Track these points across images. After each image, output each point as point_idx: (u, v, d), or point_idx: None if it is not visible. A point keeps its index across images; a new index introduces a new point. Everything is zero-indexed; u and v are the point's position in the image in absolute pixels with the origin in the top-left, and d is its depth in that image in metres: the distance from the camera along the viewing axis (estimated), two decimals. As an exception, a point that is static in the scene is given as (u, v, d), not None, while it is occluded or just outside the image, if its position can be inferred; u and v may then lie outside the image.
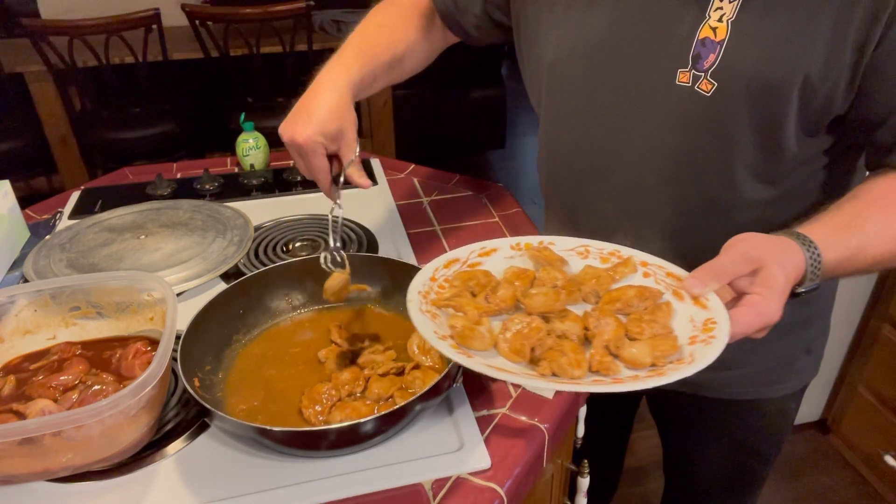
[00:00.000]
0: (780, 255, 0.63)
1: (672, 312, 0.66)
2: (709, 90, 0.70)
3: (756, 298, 0.61)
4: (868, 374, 1.73)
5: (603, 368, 0.61)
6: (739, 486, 1.09)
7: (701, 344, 0.60)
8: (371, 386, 0.72)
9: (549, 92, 0.86)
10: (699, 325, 0.63)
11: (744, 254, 0.63)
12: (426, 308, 0.67)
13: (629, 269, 0.72)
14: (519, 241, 0.78)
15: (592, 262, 0.75)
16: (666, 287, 0.69)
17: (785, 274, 0.62)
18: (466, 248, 0.76)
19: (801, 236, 0.65)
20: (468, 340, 0.63)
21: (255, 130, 1.31)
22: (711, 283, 0.64)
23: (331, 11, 3.17)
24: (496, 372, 0.58)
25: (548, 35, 0.83)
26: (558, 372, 0.60)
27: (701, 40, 0.69)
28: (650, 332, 0.64)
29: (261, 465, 0.66)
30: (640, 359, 0.61)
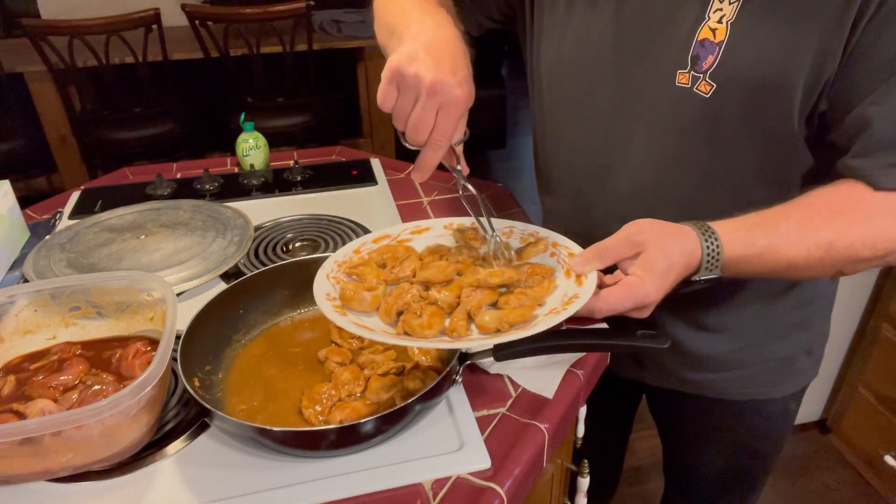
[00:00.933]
0: (665, 241, 0.65)
1: (553, 288, 0.70)
2: (708, 91, 0.70)
3: (631, 279, 0.65)
4: (868, 374, 1.73)
5: (452, 331, 0.65)
6: (739, 487, 1.09)
7: (552, 315, 0.64)
8: (371, 386, 0.72)
9: (549, 91, 0.86)
10: (565, 300, 0.66)
11: (628, 237, 0.67)
12: (334, 274, 0.73)
13: (539, 249, 0.76)
14: (452, 222, 0.82)
15: (512, 242, 0.79)
16: (564, 265, 0.73)
17: (667, 259, 0.65)
18: (401, 226, 0.81)
19: (704, 226, 0.67)
20: (350, 302, 0.68)
21: (255, 130, 1.30)
22: (594, 263, 0.68)
23: (331, 11, 3.17)
24: (356, 328, 0.63)
25: (549, 35, 0.83)
26: (409, 331, 0.65)
27: (700, 41, 0.69)
28: (517, 302, 0.67)
29: (261, 465, 0.66)
30: (488, 324, 0.65)
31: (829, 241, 0.66)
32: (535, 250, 0.77)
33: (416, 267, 0.75)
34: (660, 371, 0.97)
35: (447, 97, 0.63)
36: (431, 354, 0.76)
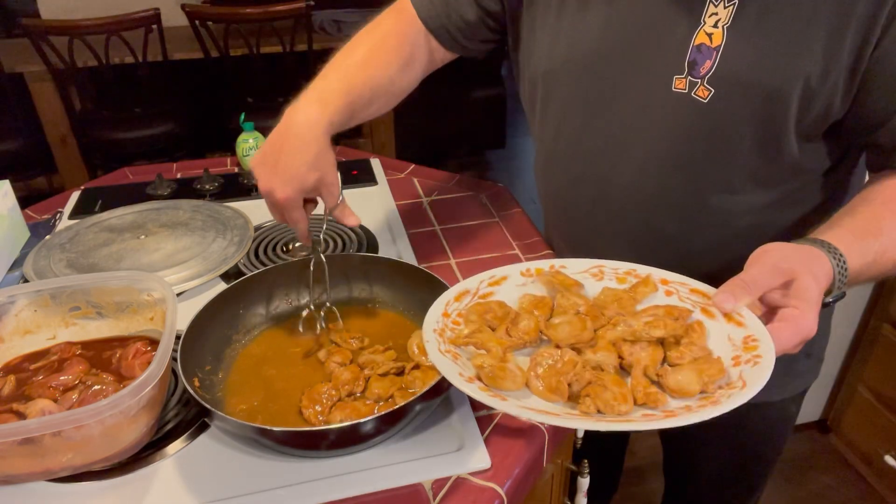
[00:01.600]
0: (812, 266, 0.60)
1: (706, 332, 0.62)
2: (706, 96, 0.70)
3: (793, 312, 0.59)
4: (868, 374, 1.73)
5: (650, 401, 0.56)
6: (739, 488, 1.09)
7: (747, 365, 0.56)
8: (371, 386, 0.72)
9: (544, 101, 0.86)
10: (739, 344, 0.59)
11: (774, 266, 0.60)
12: (445, 348, 0.62)
13: (650, 289, 0.68)
14: (529, 267, 0.74)
15: (608, 283, 0.71)
16: (693, 305, 0.65)
17: (818, 285, 0.60)
18: (475, 279, 0.72)
19: (827, 244, 0.63)
20: (498, 381, 0.59)
21: (255, 130, 1.30)
22: (743, 298, 0.60)
23: (331, 11, 3.17)
24: (536, 414, 0.54)
25: (540, 45, 0.82)
26: (603, 409, 0.56)
27: (697, 46, 0.69)
28: (690, 355, 0.59)
29: (261, 465, 0.66)
30: (687, 387, 0.56)
31: None
32: (646, 290, 0.68)
33: (539, 325, 0.66)
34: None
35: (273, 201, 0.74)
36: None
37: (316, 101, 0.77)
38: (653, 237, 0.81)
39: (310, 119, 0.75)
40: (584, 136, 0.81)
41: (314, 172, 0.74)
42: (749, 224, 0.77)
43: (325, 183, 0.76)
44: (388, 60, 0.85)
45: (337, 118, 0.77)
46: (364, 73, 0.82)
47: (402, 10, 0.89)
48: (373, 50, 0.85)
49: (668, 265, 0.72)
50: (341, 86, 0.79)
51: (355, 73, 0.82)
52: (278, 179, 0.73)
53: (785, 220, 0.77)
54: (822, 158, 0.75)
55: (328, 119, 0.75)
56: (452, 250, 1.04)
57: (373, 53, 0.85)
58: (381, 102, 0.85)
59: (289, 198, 0.73)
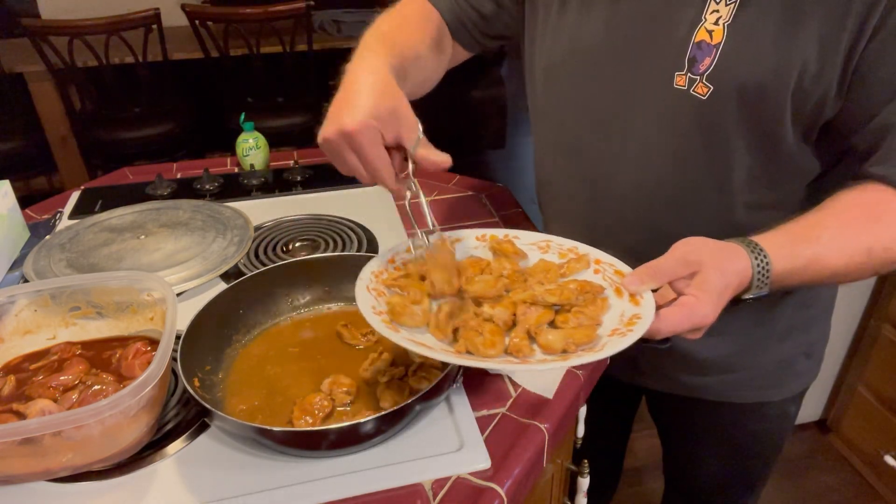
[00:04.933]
0: (721, 260, 0.64)
1: (607, 307, 0.68)
2: (705, 93, 0.70)
3: (689, 300, 0.62)
4: (868, 374, 1.73)
5: (517, 351, 0.63)
6: (739, 488, 1.09)
7: (617, 336, 0.62)
8: (383, 396, 0.71)
9: (545, 95, 0.86)
10: (625, 320, 0.64)
11: (683, 256, 0.64)
12: (374, 286, 0.69)
13: (581, 265, 0.74)
14: (485, 233, 0.80)
15: (550, 256, 0.77)
16: (611, 284, 0.71)
17: (724, 279, 0.63)
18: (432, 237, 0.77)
19: (751, 243, 0.65)
20: (400, 317, 0.65)
21: (255, 130, 1.31)
22: (648, 282, 0.66)
23: (331, 11, 3.17)
24: (415, 346, 0.60)
25: (543, 39, 0.83)
26: (472, 350, 0.63)
27: (697, 43, 0.69)
28: (575, 322, 0.66)
29: (261, 465, 0.66)
30: (553, 344, 0.63)
31: (869, 246, 0.66)
32: (578, 266, 0.74)
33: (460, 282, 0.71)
34: (658, 375, 0.97)
35: (349, 137, 0.63)
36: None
37: (369, 51, 0.72)
38: (650, 233, 0.81)
39: (367, 60, 0.69)
40: (584, 132, 0.82)
41: (385, 100, 0.64)
42: (746, 222, 0.77)
43: (400, 114, 0.65)
44: (419, 36, 0.84)
45: (394, 62, 0.72)
46: (404, 36, 0.80)
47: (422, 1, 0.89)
48: (404, 23, 0.84)
49: None
50: (388, 44, 0.76)
51: (397, 36, 0.79)
52: (347, 111, 0.63)
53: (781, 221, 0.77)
54: (820, 159, 0.75)
55: (387, 59, 0.71)
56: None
57: (405, 26, 0.83)
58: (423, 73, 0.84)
59: (360, 124, 0.62)
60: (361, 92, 0.65)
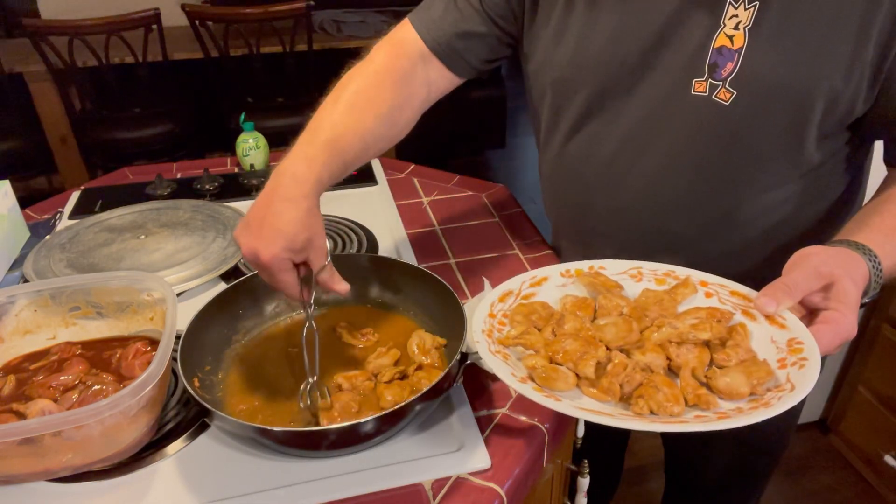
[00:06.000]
0: (850, 269, 0.61)
1: (749, 334, 0.63)
2: (727, 99, 0.69)
3: (834, 315, 0.59)
4: (868, 374, 1.73)
5: (701, 402, 0.57)
6: (741, 486, 1.09)
7: (793, 367, 0.57)
8: (383, 395, 0.71)
9: (553, 109, 0.84)
10: (783, 347, 0.60)
11: (815, 269, 0.61)
12: (495, 348, 0.63)
13: (689, 290, 0.69)
14: (569, 268, 0.74)
15: (648, 284, 0.72)
16: (734, 307, 0.66)
17: (857, 287, 0.61)
18: (517, 279, 0.72)
19: (861, 246, 0.64)
20: (551, 381, 0.60)
21: (255, 130, 1.30)
22: (785, 301, 0.61)
23: (331, 11, 3.17)
24: (591, 415, 0.55)
25: (546, 53, 0.81)
26: (656, 410, 0.57)
27: (717, 49, 0.68)
28: (736, 357, 0.60)
29: (261, 465, 0.66)
30: (737, 389, 0.57)
31: None
32: (686, 292, 0.69)
33: (585, 328, 0.66)
34: None
35: (259, 263, 0.68)
36: (432, 354, 0.76)
37: (302, 160, 0.71)
38: (667, 243, 0.80)
39: (297, 177, 0.69)
40: (597, 142, 0.80)
41: (303, 232, 0.67)
42: (764, 227, 0.77)
43: (313, 244, 0.69)
44: (381, 103, 0.79)
45: (326, 174, 0.71)
46: (353, 120, 0.76)
47: (396, 43, 0.85)
48: (364, 92, 0.79)
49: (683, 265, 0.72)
50: (328, 137, 0.74)
51: (344, 122, 0.76)
52: (262, 241, 0.67)
53: (801, 221, 0.77)
54: (837, 154, 0.74)
55: (316, 177, 0.70)
56: (452, 250, 1.05)
57: (363, 97, 0.79)
58: (377, 148, 0.80)
59: (275, 256, 0.66)
60: (281, 222, 0.67)
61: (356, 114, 0.77)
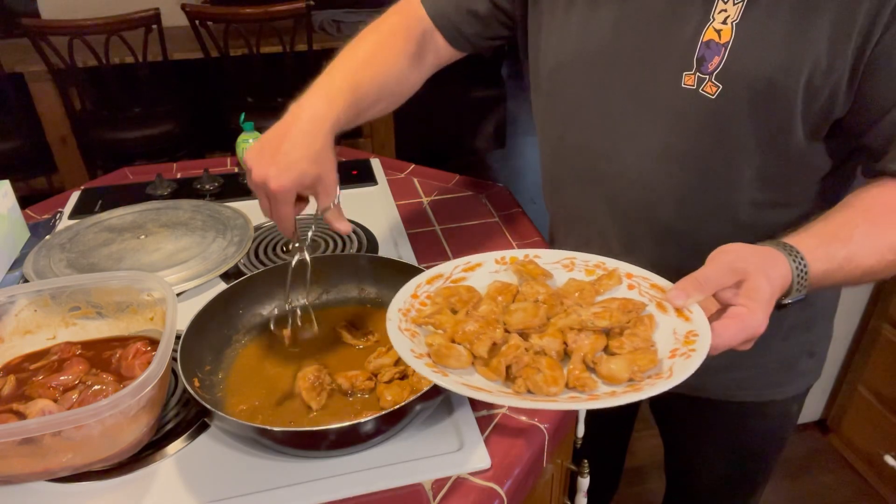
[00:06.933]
0: (766, 267, 0.62)
1: (655, 325, 0.65)
2: (713, 93, 0.70)
3: (741, 310, 0.60)
4: (868, 374, 1.73)
5: (579, 385, 0.59)
6: (741, 487, 1.09)
7: (681, 357, 0.59)
8: (383, 394, 0.71)
9: (551, 98, 0.85)
10: (681, 338, 0.61)
11: (728, 265, 0.62)
12: (405, 326, 0.65)
13: (614, 282, 0.71)
14: (504, 255, 0.76)
15: (577, 274, 0.74)
16: (650, 299, 0.68)
17: (770, 286, 0.61)
18: (451, 264, 0.74)
19: (788, 247, 0.64)
20: (445, 359, 0.61)
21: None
22: (695, 295, 0.63)
23: (331, 11, 3.17)
24: (471, 391, 0.57)
25: (548, 40, 0.82)
26: (533, 389, 0.59)
27: (705, 42, 0.69)
28: (630, 345, 0.62)
29: (261, 465, 0.66)
30: (617, 374, 0.59)
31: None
32: (610, 283, 0.71)
33: (497, 310, 0.68)
34: None
35: (267, 191, 0.69)
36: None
37: (322, 97, 0.75)
38: (659, 233, 0.81)
39: (316, 114, 0.72)
40: (592, 134, 0.81)
41: (315, 167, 0.70)
42: (755, 220, 0.77)
43: (324, 181, 0.72)
44: (394, 58, 0.83)
45: (343, 116, 0.75)
46: (370, 70, 0.80)
47: (406, 9, 0.89)
48: (379, 47, 0.84)
49: (674, 259, 0.72)
50: (347, 84, 0.77)
51: (362, 71, 0.80)
52: (275, 168, 0.69)
53: (789, 218, 0.77)
54: (827, 158, 0.75)
55: (335, 115, 0.73)
56: (452, 250, 1.05)
57: (379, 50, 0.83)
58: (388, 101, 0.84)
59: (283, 188, 0.69)
60: (295, 152, 0.69)
61: (373, 66, 0.81)
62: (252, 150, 0.72)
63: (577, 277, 0.73)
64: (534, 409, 0.56)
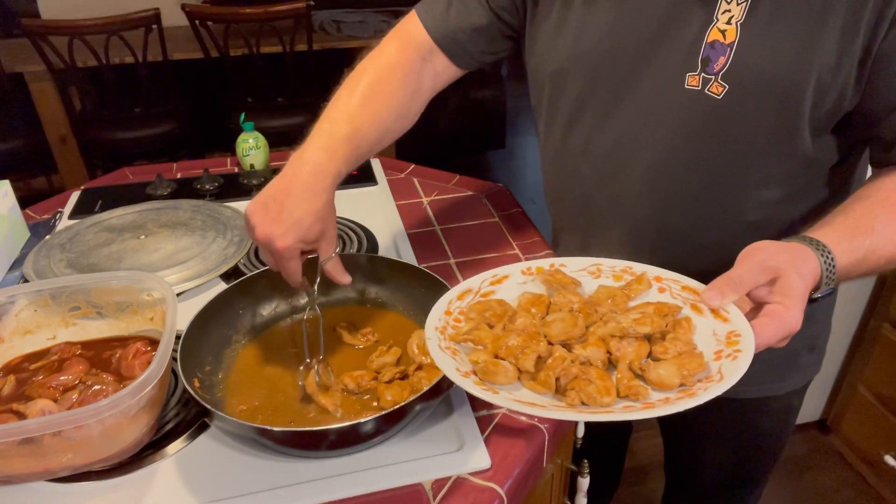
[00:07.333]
0: (798, 263, 0.62)
1: (693, 327, 0.65)
2: (720, 93, 0.70)
3: (778, 308, 0.60)
4: (868, 374, 1.73)
5: (632, 393, 0.59)
6: (742, 484, 1.09)
7: (727, 359, 0.58)
8: (383, 394, 0.71)
9: (552, 101, 0.85)
10: (722, 339, 0.61)
11: (761, 263, 0.62)
12: (445, 344, 0.65)
13: (643, 286, 0.71)
14: (530, 266, 0.76)
15: (605, 280, 0.73)
16: (683, 301, 0.68)
17: (804, 281, 0.61)
18: (478, 277, 0.74)
19: (815, 242, 0.64)
20: (491, 375, 0.61)
21: (255, 130, 1.30)
22: (730, 295, 0.62)
23: (331, 11, 3.17)
24: (525, 406, 0.57)
25: (545, 45, 0.82)
26: (587, 401, 0.59)
27: (710, 43, 0.69)
28: (674, 350, 0.62)
29: (261, 465, 0.66)
30: (667, 380, 0.59)
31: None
32: (640, 288, 0.70)
33: (534, 323, 0.67)
34: None
35: (272, 249, 0.71)
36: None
37: (324, 149, 0.75)
38: (664, 233, 0.81)
39: (317, 168, 0.73)
40: (594, 136, 0.81)
41: (318, 224, 0.72)
42: (760, 218, 0.77)
43: (326, 236, 0.74)
44: (393, 95, 0.83)
45: (344, 167, 0.75)
46: (370, 112, 0.80)
47: (405, 35, 0.88)
48: (378, 84, 0.83)
49: (679, 259, 0.72)
50: (348, 131, 0.77)
51: (361, 116, 0.79)
52: (280, 228, 0.70)
53: (795, 214, 0.77)
54: (832, 152, 0.75)
55: (336, 168, 0.74)
56: (452, 250, 1.05)
57: (378, 89, 0.82)
58: (389, 138, 0.84)
59: (289, 247, 0.70)
60: (298, 210, 0.71)
61: (372, 107, 0.81)
62: (255, 206, 0.72)
63: (605, 284, 0.73)
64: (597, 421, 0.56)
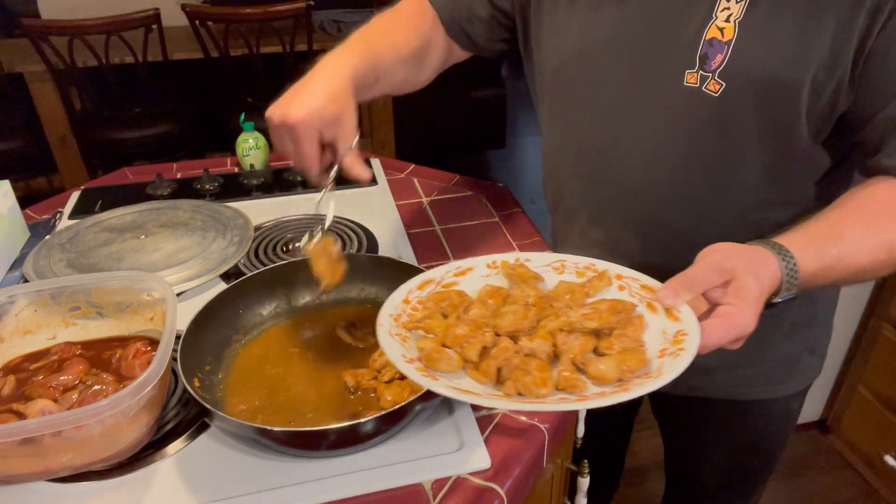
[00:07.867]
0: (754, 266, 0.62)
1: (644, 325, 0.65)
2: (717, 90, 0.70)
3: (729, 309, 0.60)
4: (868, 374, 1.73)
5: (569, 386, 0.59)
6: (741, 485, 1.09)
7: (670, 357, 0.59)
8: (383, 394, 0.71)
9: (553, 96, 0.86)
10: (670, 338, 0.61)
11: (716, 264, 0.62)
12: (396, 331, 0.65)
13: (604, 283, 0.71)
14: (495, 259, 0.76)
15: (568, 276, 0.74)
16: (640, 299, 0.68)
17: (759, 284, 0.61)
18: (442, 268, 0.74)
19: (778, 246, 0.64)
20: (435, 363, 0.61)
21: (255, 130, 1.31)
22: (683, 294, 0.62)
23: (331, 11, 3.17)
24: (459, 394, 0.57)
25: (549, 40, 0.83)
26: (523, 391, 0.59)
27: (708, 41, 0.69)
28: (620, 346, 0.62)
29: (261, 465, 0.66)
30: (606, 374, 0.59)
31: (890, 242, 0.66)
32: (600, 284, 0.71)
33: (487, 315, 0.68)
34: None
35: (288, 126, 0.69)
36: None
37: (344, 49, 0.77)
38: (662, 230, 0.81)
39: (334, 60, 0.75)
40: (594, 132, 0.81)
41: (334, 105, 0.70)
42: (757, 220, 0.77)
43: (343, 122, 0.71)
44: (410, 39, 0.86)
45: (362, 67, 0.76)
46: (388, 40, 0.83)
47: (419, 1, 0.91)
48: (396, 26, 0.86)
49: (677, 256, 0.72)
50: (366, 44, 0.80)
51: (379, 39, 0.82)
52: (294, 102, 0.70)
53: (792, 216, 0.77)
54: (831, 154, 0.75)
55: (354, 64, 0.75)
56: (452, 250, 1.05)
57: (396, 30, 0.86)
58: (402, 77, 0.86)
59: (304, 120, 0.68)
60: (315, 90, 0.70)
61: (391, 36, 0.84)
62: (275, 104, 0.73)
63: (567, 280, 0.73)
64: (522, 410, 0.56)
